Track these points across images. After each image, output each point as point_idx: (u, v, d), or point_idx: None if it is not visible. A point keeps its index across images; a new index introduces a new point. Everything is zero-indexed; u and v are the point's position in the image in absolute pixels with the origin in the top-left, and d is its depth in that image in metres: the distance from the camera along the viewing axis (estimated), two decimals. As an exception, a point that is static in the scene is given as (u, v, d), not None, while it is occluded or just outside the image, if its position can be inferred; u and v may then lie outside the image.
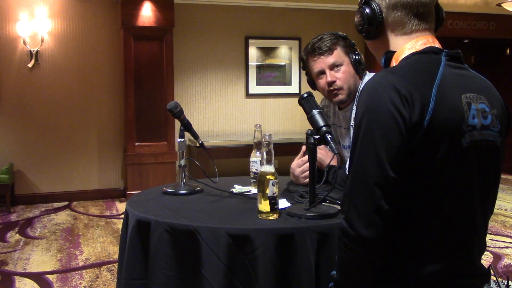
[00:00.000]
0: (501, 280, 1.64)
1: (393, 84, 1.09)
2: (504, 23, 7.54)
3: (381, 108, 1.09)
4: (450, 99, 1.12)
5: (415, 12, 1.22)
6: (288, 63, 6.89)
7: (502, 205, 5.70)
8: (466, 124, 1.13)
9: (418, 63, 1.18)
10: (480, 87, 1.21)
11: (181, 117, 2.15)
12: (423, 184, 1.12)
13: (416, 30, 1.23)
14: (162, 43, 5.96)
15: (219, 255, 1.48)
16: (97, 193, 6.18)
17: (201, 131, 6.46)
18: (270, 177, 1.62)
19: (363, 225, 1.08)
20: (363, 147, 1.11)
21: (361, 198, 1.09)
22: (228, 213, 1.76)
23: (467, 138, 1.13)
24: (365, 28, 1.26)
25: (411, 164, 1.10)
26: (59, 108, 6.01)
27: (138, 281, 1.67)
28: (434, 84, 1.12)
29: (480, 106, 1.17)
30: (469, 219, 1.19)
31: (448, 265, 1.16)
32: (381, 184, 1.08)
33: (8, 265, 3.82)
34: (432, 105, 1.09)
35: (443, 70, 1.16)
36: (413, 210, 1.14)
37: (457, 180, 1.14)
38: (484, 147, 1.17)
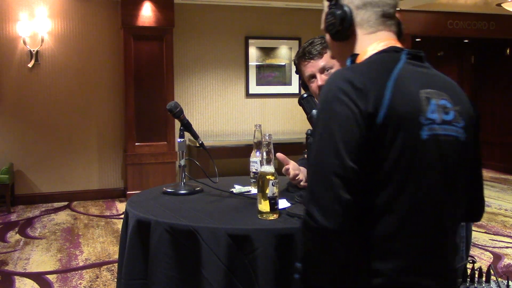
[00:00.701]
0: (501, 280, 1.64)
1: (347, 77, 1.12)
2: (504, 23, 7.54)
3: (335, 100, 1.11)
4: (407, 93, 1.14)
5: (382, 13, 1.26)
6: (288, 63, 6.88)
7: (502, 205, 5.70)
8: (425, 117, 1.14)
9: (377, 60, 1.21)
10: (442, 85, 1.23)
11: (181, 117, 2.15)
12: (379, 177, 1.12)
13: (382, 29, 1.26)
14: (162, 43, 5.97)
15: (219, 255, 1.48)
16: (97, 193, 6.18)
17: (201, 131, 6.46)
18: (270, 177, 1.62)
19: (323, 216, 1.06)
20: (320, 139, 1.12)
21: (321, 189, 1.08)
22: (228, 213, 1.76)
23: (426, 131, 1.14)
24: (336, 29, 1.28)
25: (368, 157, 1.10)
26: (59, 108, 6.01)
27: (138, 281, 1.68)
28: (391, 78, 1.14)
29: (441, 102, 1.18)
30: (433, 215, 1.17)
31: (407, 263, 1.14)
32: (340, 174, 1.07)
33: (8, 265, 3.82)
34: (388, 97, 1.10)
35: (401, 66, 1.18)
36: (370, 203, 1.14)
37: (416, 173, 1.13)
38: (446, 142, 1.17)
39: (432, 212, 1.17)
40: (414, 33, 7.21)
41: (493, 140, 8.30)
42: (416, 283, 1.15)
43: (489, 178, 7.53)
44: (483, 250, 4.15)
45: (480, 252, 4.10)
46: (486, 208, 2.92)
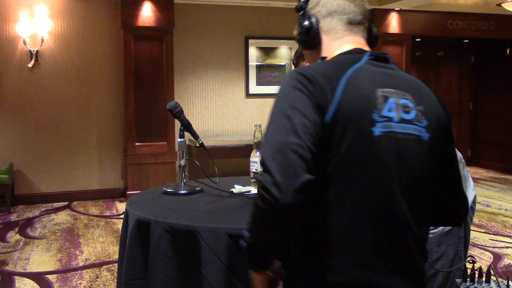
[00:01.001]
0: (501, 280, 1.64)
1: (299, 71, 1.17)
2: (504, 23, 7.54)
3: (290, 88, 1.16)
4: (361, 90, 1.16)
5: (348, 20, 1.30)
6: (288, 63, 6.88)
7: (502, 205, 5.70)
8: (379, 114, 1.15)
9: (336, 60, 1.25)
10: (405, 85, 1.24)
11: (181, 117, 2.15)
12: (329, 170, 1.13)
13: (349, 35, 1.30)
14: (162, 43, 5.97)
15: (219, 255, 1.48)
16: (97, 193, 6.18)
17: (201, 131, 6.46)
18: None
19: (279, 192, 1.06)
20: (277, 119, 1.14)
21: (278, 165, 1.08)
22: (228, 213, 1.76)
23: (379, 128, 1.15)
24: (303, 38, 1.35)
25: (320, 147, 1.12)
26: (59, 108, 6.01)
27: (138, 281, 1.68)
28: (345, 75, 1.17)
29: (401, 101, 1.20)
30: (386, 212, 1.16)
31: (359, 259, 1.14)
32: (298, 152, 1.08)
33: (8, 265, 3.82)
34: (339, 94, 1.13)
35: (359, 66, 1.21)
36: (321, 197, 1.15)
37: (366, 169, 1.14)
38: (406, 140, 1.18)
39: (385, 209, 1.15)
40: (414, 33, 7.22)
41: (493, 140, 8.30)
42: (370, 280, 1.15)
43: (489, 178, 7.53)
44: (483, 250, 4.15)
45: (480, 252, 4.10)
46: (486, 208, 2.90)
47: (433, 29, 7.29)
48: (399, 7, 6.84)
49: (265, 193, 1.07)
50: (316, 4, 1.34)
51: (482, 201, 5.82)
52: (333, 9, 1.31)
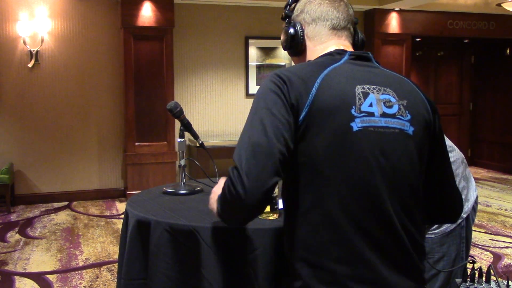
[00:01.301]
0: (501, 280, 1.64)
1: (276, 72, 1.21)
2: (504, 23, 7.54)
3: (264, 90, 1.19)
4: (337, 87, 1.18)
5: (330, 25, 1.34)
6: (288, 63, 6.88)
7: (502, 205, 5.70)
8: (358, 110, 1.17)
9: (316, 62, 1.28)
10: (387, 81, 1.26)
11: (181, 117, 2.15)
12: (309, 168, 1.15)
13: (332, 39, 1.34)
14: (162, 43, 5.97)
15: (219, 255, 1.48)
16: (97, 193, 6.18)
17: (201, 131, 6.46)
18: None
19: (245, 192, 1.11)
20: (250, 120, 1.18)
21: (245, 164, 1.14)
22: (228, 213, 1.76)
23: (358, 123, 1.16)
24: (288, 45, 1.40)
25: (298, 149, 1.15)
26: (59, 108, 6.01)
27: (138, 281, 1.67)
28: (321, 74, 1.19)
29: (382, 96, 1.21)
30: (376, 210, 1.15)
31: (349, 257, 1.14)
32: (269, 153, 1.12)
33: (8, 265, 3.82)
34: (315, 91, 1.16)
35: (338, 65, 1.24)
36: (299, 199, 1.17)
37: (346, 163, 1.15)
38: (388, 134, 1.19)
39: (370, 204, 1.15)
40: (414, 33, 7.22)
41: (493, 140, 8.30)
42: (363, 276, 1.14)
43: (489, 178, 7.53)
44: (483, 250, 4.15)
45: (480, 252, 4.10)
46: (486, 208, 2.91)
47: (433, 29, 7.29)
48: (399, 7, 6.84)
49: (232, 187, 1.13)
50: (300, 12, 1.40)
51: (482, 201, 5.81)
52: (316, 16, 1.35)
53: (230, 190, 1.14)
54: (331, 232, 1.14)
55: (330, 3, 1.35)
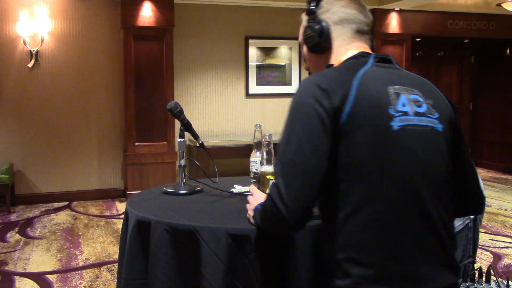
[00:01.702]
0: (501, 280, 1.64)
1: (315, 81, 1.21)
2: (504, 23, 7.54)
3: (303, 103, 1.20)
4: (373, 89, 1.21)
5: (356, 29, 1.37)
6: (288, 63, 6.88)
7: (502, 205, 5.70)
8: (394, 109, 1.20)
9: (345, 65, 1.30)
10: (412, 83, 1.30)
11: (181, 117, 2.15)
12: (353, 169, 1.17)
13: (355, 42, 1.37)
14: (162, 43, 5.96)
15: (219, 255, 1.48)
16: (97, 193, 6.18)
17: (201, 131, 6.46)
18: (270, 177, 1.62)
19: (285, 208, 1.15)
20: (289, 135, 1.21)
21: (285, 182, 1.16)
22: (228, 213, 1.76)
23: (397, 122, 1.19)
24: (314, 42, 1.37)
25: (340, 151, 1.17)
26: (59, 108, 6.01)
27: (138, 281, 1.67)
28: (355, 77, 1.22)
29: (411, 96, 1.25)
30: (418, 206, 1.19)
31: (397, 254, 1.16)
32: (306, 171, 1.15)
33: (8, 265, 3.82)
34: (354, 93, 1.18)
35: (367, 68, 1.26)
36: (342, 200, 1.18)
37: (393, 163, 1.17)
38: (423, 132, 1.23)
39: (414, 200, 1.18)
40: (414, 33, 7.22)
41: (493, 140, 8.30)
42: (411, 272, 1.16)
43: (489, 178, 7.53)
44: (483, 250, 4.15)
45: (480, 252, 4.10)
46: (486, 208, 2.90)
47: (433, 29, 7.29)
48: (399, 7, 6.84)
49: (273, 205, 1.17)
50: (327, 10, 1.38)
51: (482, 201, 5.81)
52: (344, 17, 1.36)
53: (272, 207, 1.17)
54: (379, 230, 1.16)
55: (356, 7, 1.37)
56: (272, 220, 1.21)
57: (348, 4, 1.37)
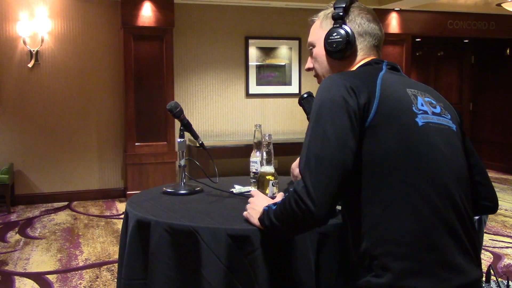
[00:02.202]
0: (501, 280, 1.64)
1: (342, 80, 1.24)
2: (504, 23, 7.54)
3: (331, 100, 1.22)
4: (395, 89, 1.27)
5: (374, 43, 1.44)
6: (288, 63, 6.88)
7: (502, 205, 5.71)
8: (416, 107, 1.26)
9: (363, 70, 1.36)
10: (422, 88, 1.37)
11: (181, 117, 2.15)
12: (383, 165, 1.19)
13: (371, 55, 1.43)
14: (162, 43, 5.97)
15: (219, 256, 1.48)
16: (97, 193, 6.18)
17: (201, 131, 6.46)
18: (270, 177, 1.62)
19: (312, 203, 1.16)
20: (316, 131, 1.22)
21: (311, 176, 1.17)
22: (228, 213, 1.76)
23: (421, 119, 1.24)
24: (340, 47, 1.39)
25: (367, 148, 1.20)
26: (59, 108, 6.01)
27: (138, 281, 1.67)
28: (378, 78, 1.27)
29: (426, 98, 1.31)
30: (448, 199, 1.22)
31: (432, 244, 1.18)
32: (332, 165, 1.17)
33: (8, 265, 3.82)
34: (378, 92, 1.23)
35: (384, 72, 1.32)
36: (374, 197, 1.20)
37: (421, 158, 1.21)
38: (443, 130, 1.28)
39: (444, 193, 1.21)
40: (414, 33, 7.22)
41: (493, 140, 8.30)
42: (447, 260, 1.18)
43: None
44: (483, 250, 4.15)
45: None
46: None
47: (433, 29, 7.29)
48: (399, 7, 6.84)
49: (300, 201, 1.18)
50: (353, 20, 1.42)
51: (482, 201, 5.81)
52: (368, 31, 1.42)
53: (298, 204, 1.18)
54: (414, 222, 1.18)
55: (376, 23, 1.44)
56: (295, 217, 1.22)
57: (372, 19, 1.43)
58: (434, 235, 1.17)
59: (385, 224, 1.18)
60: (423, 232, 1.17)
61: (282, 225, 1.30)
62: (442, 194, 1.20)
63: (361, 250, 1.24)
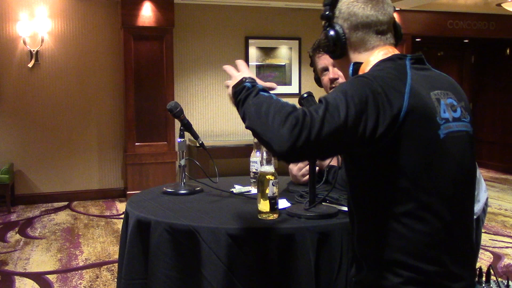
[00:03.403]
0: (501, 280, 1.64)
1: (377, 83, 1.16)
2: (504, 23, 7.54)
3: (370, 86, 1.14)
4: (422, 96, 1.19)
5: (375, 30, 1.31)
6: (288, 63, 6.88)
7: (502, 205, 5.70)
8: (440, 117, 1.20)
9: (387, 68, 1.24)
10: (445, 84, 1.30)
11: (181, 117, 2.15)
12: (403, 177, 1.16)
13: (377, 45, 1.32)
14: (162, 43, 5.96)
15: (219, 255, 1.48)
16: (97, 193, 6.18)
17: (201, 131, 6.46)
18: (270, 177, 1.62)
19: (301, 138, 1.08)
20: (343, 99, 1.12)
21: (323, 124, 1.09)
22: (228, 213, 1.76)
23: (443, 130, 1.20)
24: (330, 48, 1.35)
25: (390, 157, 1.15)
26: (59, 108, 6.01)
27: (138, 281, 1.67)
28: (406, 83, 1.18)
29: (448, 101, 1.25)
30: (459, 215, 1.23)
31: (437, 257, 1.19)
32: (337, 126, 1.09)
33: (8, 265, 3.82)
34: (407, 101, 1.15)
35: (410, 72, 1.23)
36: (388, 206, 1.18)
37: (442, 172, 1.19)
38: (460, 138, 1.25)
39: (457, 209, 1.22)
40: (414, 33, 7.21)
41: (493, 140, 8.30)
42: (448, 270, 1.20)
43: (489, 178, 7.53)
44: (483, 250, 4.15)
45: (480, 252, 4.10)
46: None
47: (433, 29, 7.29)
48: (399, 7, 6.84)
49: (297, 124, 1.08)
50: (342, 14, 1.32)
51: (482, 201, 5.81)
52: (359, 22, 1.30)
53: (292, 127, 1.08)
54: (427, 237, 1.18)
55: (373, 6, 1.30)
56: (267, 130, 1.12)
57: (365, 5, 1.30)
58: (440, 250, 1.19)
59: (398, 233, 1.19)
60: (431, 247, 1.18)
61: (249, 121, 1.19)
62: (457, 212, 1.22)
63: (369, 251, 1.25)
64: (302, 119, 1.09)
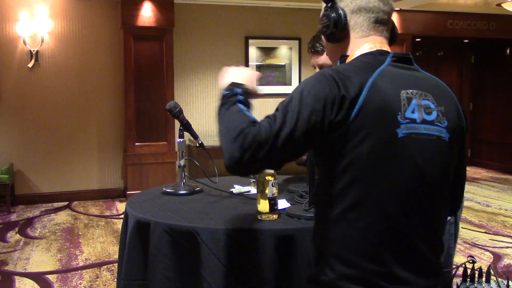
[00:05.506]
0: (501, 280, 1.64)
1: (330, 73, 1.18)
2: (504, 23, 7.54)
3: (313, 88, 1.17)
4: (385, 92, 1.18)
5: (375, 19, 1.30)
6: (288, 63, 6.88)
7: (502, 205, 5.70)
8: (403, 116, 1.18)
9: (360, 62, 1.25)
10: (427, 86, 1.26)
11: (181, 117, 2.15)
12: (352, 172, 1.16)
13: (373, 34, 1.30)
14: (162, 43, 5.96)
15: (219, 256, 1.48)
16: (97, 193, 6.18)
17: (201, 131, 6.45)
18: (270, 177, 1.62)
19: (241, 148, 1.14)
20: (292, 106, 1.18)
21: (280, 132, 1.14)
22: (227, 213, 1.76)
23: (403, 129, 1.17)
24: (330, 31, 1.32)
25: (341, 152, 1.16)
26: (59, 108, 6.01)
27: (138, 281, 1.68)
28: (370, 77, 1.18)
29: (423, 102, 1.22)
30: (415, 219, 1.20)
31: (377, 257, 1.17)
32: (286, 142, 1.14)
33: (8, 265, 3.82)
34: (364, 95, 1.15)
35: (383, 68, 1.22)
36: (337, 199, 1.18)
37: (391, 170, 1.17)
38: (426, 141, 1.20)
39: (407, 208, 1.19)
40: (414, 33, 7.21)
41: (493, 140, 8.30)
42: (389, 272, 1.17)
43: (489, 178, 7.52)
44: (483, 250, 4.15)
45: (480, 252, 4.10)
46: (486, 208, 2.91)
47: (433, 29, 7.29)
48: (399, 7, 6.84)
49: (248, 141, 1.13)
50: None
51: (482, 201, 5.81)
52: (362, 6, 1.29)
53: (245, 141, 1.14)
54: (369, 234, 1.17)
55: None
56: (226, 143, 1.19)
57: None
58: (382, 248, 1.16)
59: (338, 228, 1.18)
60: (373, 244, 1.16)
61: (217, 130, 1.27)
62: (406, 210, 1.18)
63: (315, 245, 1.27)
64: (251, 137, 1.14)
